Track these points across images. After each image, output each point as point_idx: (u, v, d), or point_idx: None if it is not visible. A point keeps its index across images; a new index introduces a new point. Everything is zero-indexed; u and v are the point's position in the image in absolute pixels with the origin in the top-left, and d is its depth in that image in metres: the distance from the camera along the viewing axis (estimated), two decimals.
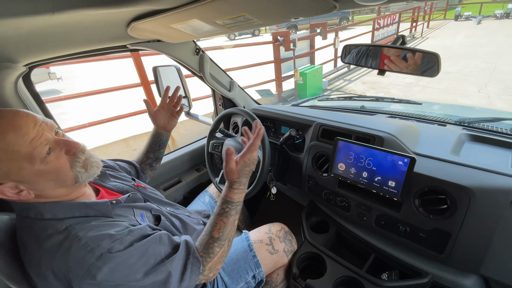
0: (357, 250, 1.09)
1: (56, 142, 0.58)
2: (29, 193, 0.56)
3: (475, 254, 0.75)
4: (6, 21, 0.50)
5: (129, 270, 0.55)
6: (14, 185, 0.54)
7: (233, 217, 0.77)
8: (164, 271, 0.60)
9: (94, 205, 0.63)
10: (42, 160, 0.55)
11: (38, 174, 0.55)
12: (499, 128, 1.07)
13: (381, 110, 1.45)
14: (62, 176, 0.59)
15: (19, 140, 0.52)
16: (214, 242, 0.71)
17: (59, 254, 0.53)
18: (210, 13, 0.59)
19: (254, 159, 0.81)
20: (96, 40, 0.86)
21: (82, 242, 0.54)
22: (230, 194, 0.78)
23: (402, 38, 0.73)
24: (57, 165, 0.58)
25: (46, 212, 0.58)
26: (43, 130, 0.57)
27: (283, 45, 5.00)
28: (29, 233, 0.57)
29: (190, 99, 1.40)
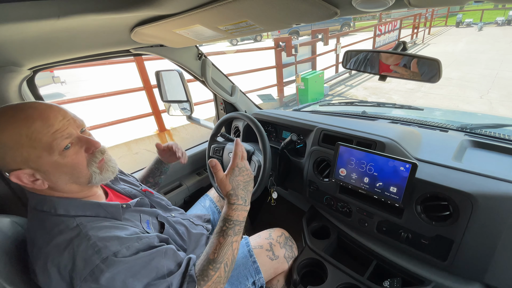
0: (358, 257, 1.08)
1: (78, 138, 0.60)
2: (43, 183, 0.58)
3: (478, 262, 0.74)
4: (12, 26, 0.51)
5: (131, 278, 0.55)
6: (31, 173, 0.56)
7: (231, 237, 0.70)
8: (163, 286, 0.58)
9: (106, 206, 0.65)
10: (61, 152, 0.57)
11: (54, 165, 0.57)
12: (501, 134, 1.06)
13: (383, 115, 1.45)
14: (77, 173, 0.61)
15: (43, 129, 0.55)
16: (209, 264, 0.66)
17: (67, 251, 0.53)
18: (212, 18, 0.60)
19: (245, 168, 0.76)
20: (100, 45, 0.87)
21: (91, 241, 0.55)
22: (228, 211, 0.73)
23: (403, 44, 0.74)
24: (74, 161, 0.59)
25: (60, 207, 0.59)
26: (69, 125, 0.59)
27: (285, 50, 5.04)
28: (41, 227, 0.58)
29: (191, 103, 1.40)
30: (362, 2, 0.47)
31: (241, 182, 0.75)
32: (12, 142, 0.53)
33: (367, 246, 1.03)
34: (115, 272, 0.53)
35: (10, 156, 0.54)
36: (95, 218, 0.61)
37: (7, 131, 0.53)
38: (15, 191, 0.88)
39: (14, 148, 0.53)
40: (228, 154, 1.21)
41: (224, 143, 1.28)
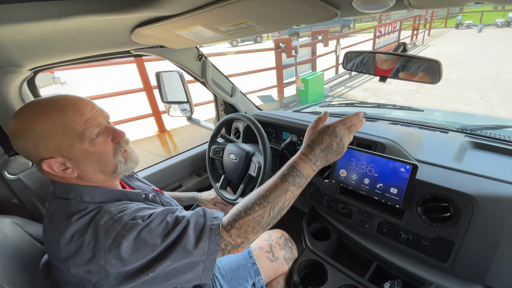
0: (359, 258, 1.07)
1: (106, 128, 0.64)
2: (73, 171, 0.60)
3: (479, 263, 0.74)
4: (13, 26, 0.51)
5: (150, 236, 0.56)
6: (62, 161, 0.58)
7: (289, 184, 0.63)
8: (180, 229, 0.58)
9: (129, 193, 0.69)
10: (91, 140, 0.60)
11: (84, 153, 0.59)
12: (501, 136, 1.06)
13: (383, 116, 1.45)
14: (105, 161, 0.63)
15: (76, 118, 0.58)
16: (257, 199, 0.62)
17: (90, 227, 0.55)
18: (213, 20, 0.60)
19: (339, 137, 0.67)
20: (101, 46, 0.87)
21: (112, 214, 0.58)
22: (297, 159, 0.66)
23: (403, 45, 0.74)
24: (102, 149, 0.62)
25: (86, 194, 0.62)
26: (98, 115, 0.62)
27: (285, 51, 5.05)
28: (65, 212, 0.59)
29: (192, 104, 1.40)
30: (362, 3, 0.47)
31: (326, 143, 0.66)
32: (47, 130, 0.55)
33: (367, 247, 1.03)
34: (135, 234, 0.55)
35: (44, 144, 0.56)
36: (117, 201, 0.65)
37: (42, 120, 0.55)
38: (16, 192, 0.88)
39: (48, 136, 0.56)
40: (228, 155, 1.21)
41: (224, 144, 1.28)
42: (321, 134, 0.67)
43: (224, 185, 1.26)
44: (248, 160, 1.14)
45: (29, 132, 0.55)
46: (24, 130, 0.55)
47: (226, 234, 0.60)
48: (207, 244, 0.58)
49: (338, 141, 0.67)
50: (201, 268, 0.59)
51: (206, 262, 0.59)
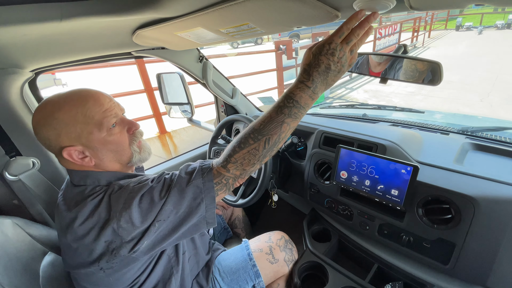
0: (359, 260, 1.07)
1: (122, 119, 0.68)
2: (91, 160, 0.63)
3: (481, 265, 0.73)
4: (15, 28, 0.51)
5: (154, 192, 0.59)
6: (81, 149, 0.61)
7: (284, 116, 0.59)
8: (175, 175, 0.63)
9: (141, 177, 0.70)
10: (108, 130, 0.63)
11: (102, 142, 0.63)
12: (502, 137, 1.06)
13: (383, 118, 1.45)
14: (121, 150, 0.67)
15: (96, 107, 0.61)
16: (251, 132, 0.60)
17: (104, 201, 0.59)
18: (214, 21, 0.60)
19: (337, 53, 0.55)
20: (102, 47, 0.88)
21: (120, 185, 0.62)
22: (293, 87, 0.60)
23: (404, 47, 0.74)
24: (119, 139, 0.65)
25: (103, 179, 0.65)
26: (115, 106, 0.66)
27: (286, 53, 5.06)
28: (82, 196, 0.61)
29: (192, 105, 1.41)
30: (363, 5, 0.47)
31: (323, 65, 0.56)
32: (69, 118, 0.59)
33: (368, 249, 1.02)
34: (143, 193, 0.59)
35: (66, 132, 0.59)
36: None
37: (65, 109, 0.59)
38: (16, 193, 0.88)
39: (70, 124, 0.59)
40: None
41: (225, 145, 1.28)
42: (317, 55, 0.57)
43: None
44: None
45: (52, 120, 0.58)
46: (48, 119, 0.58)
47: (224, 170, 0.62)
48: (200, 181, 0.61)
49: (336, 60, 0.56)
50: (203, 208, 0.61)
51: (205, 200, 0.61)
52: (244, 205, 1.10)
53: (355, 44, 0.57)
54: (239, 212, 1.37)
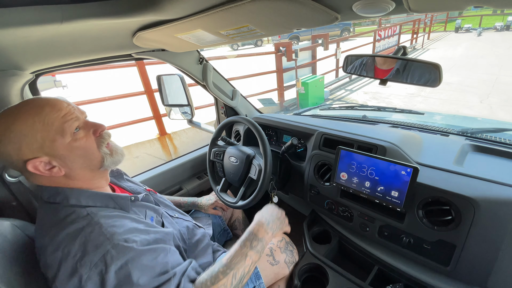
0: (360, 262, 1.07)
1: (85, 122, 0.65)
2: (60, 169, 0.60)
3: (481, 267, 0.73)
4: (16, 30, 0.51)
5: (137, 271, 0.55)
6: (47, 160, 0.58)
7: (247, 249, 0.72)
8: (163, 281, 0.59)
9: (116, 197, 0.67)
10: (72, 134, 0.60)
11: (68, 148, 0.60)
12: (502, 139, 1.06)
13: (383, 119, 1.45)
14: (90, 155, 0.64)
15: (54, 113, 0.58)
16: (220, 266, 0.67)
17: (79, 239, 0.55)
18: (214, 23, 0.61)
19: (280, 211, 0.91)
20: (102, 49, 0.88)
21: (102, 228, 0.57)
22: (251, 226, 0.81)
23: (404, 49, 0.74)
24: (86, 143, 0.63)
25: (72, 197, 0.61)
26: (75, 110, 0.63)
27: (285, 55, 5.07)
28: (53, 218, 0.59)
29: (192, 107, 1.41)
30: (362, 7, 0.47)
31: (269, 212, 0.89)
32: (27, 128, 0.56)
33: (368, 251, 1.02)
34: (124, 261, 0.54)
35: (26, 143, 0.56)
36: (104, 208, 0.64)
37: (21, 119, 0.56)
38: (16, 195, 0.88)
39: (29, 135, 0.56)
40: (228, 158, 1.21)
41: (225, 147, 1.28)
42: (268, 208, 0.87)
43: (225, 188, 1.26)
44: (248, 163, 1.14)
45: (9, 133, 0.55)
46: (4, 133, 0.55)
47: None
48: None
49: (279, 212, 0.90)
50: None
51: None
52: (244, 206, 1.10)
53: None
54: (239, 213, 1.37)
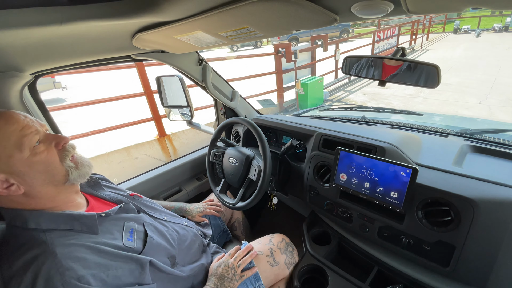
0: (359, 263, 1.07)
1: (46, 135, 0.60)
2: (19, 187, 0.55)
3: (481, 268, 0.73)
4: (15, 31, 0.51)
5: None
6: (4, 178, 0.53)
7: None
8: None
9: (80, 217, 0.61)
10: (31, 149, 0.56)
11: (27, 164, 0.55)
12: (501, 140, 1.07)
13: (382, 120, 1.45)
14: (52, 169, 0.59)
15: (9, 127, 0.54)
16: None
17: (31, 270, 0.51)
18: (213, 25, 0.61)
19: (228, 267, 0.87)
20: (102, 51, 0.88)
21: (56, 260, 0.52)
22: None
23: (402, 50, 0.74)
24: (47, 157, 0.58)
25: (31, 220, 0.57)
26: (33, 123, 0.59)
27: (285, 56, 5.08)
28: (11, 244, 0.55)
29: (192, 108, 1.41)
30: (361, 9, 0.48)
31: (219, 273, 0.85)
32: None
33: (368, 252, 1.02)
34: None
35: None
36: (68, 232, 0.59)
37: None
38: None
39: None
40: (228, 159, 1.21)
41: (224, 148, 1.28)
42: (216, 268, 0.86)
43: (224, 189, 1.26)
44: (248, 164, 1.14)
45: None
46: None
47: None
48: None
49: (227, 269, 0.85)
50: None
51: None
52: (244, 207, 1.10)
53: (242, 262, 0.88)
54: (238, 214, 1.37)
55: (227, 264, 0.87)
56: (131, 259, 0.62)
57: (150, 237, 0.72)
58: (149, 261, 0.65)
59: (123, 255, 0.61)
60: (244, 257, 0.91)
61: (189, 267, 0.82)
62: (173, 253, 0.77)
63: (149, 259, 0.65)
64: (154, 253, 0.69)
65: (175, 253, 0.78)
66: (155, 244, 0.72)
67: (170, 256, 0.76)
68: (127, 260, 0.61)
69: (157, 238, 0.74)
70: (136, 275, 0.61)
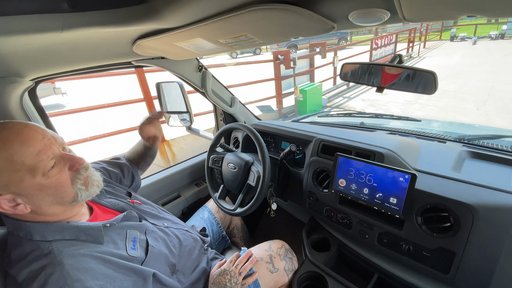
0: (359, 270, 1.05)
1: (61, 156, 0.58)
2: (25, 207, 0.55)
3: (481, 274, 0.73)
4: (17, 38, 0.52)
5: None
6: (12, 198, 0.53)
7: None
8: None
9: (86, 229, 0.61)
10: (45, 173, 0.54)
11: (37, 187, 0.54)
12: (499, 145, 1.07)
13: (381, 126, 1.46)
14: (62, 192, 0.58)
15: (24, 150, 0.52)
16: None
17: (38, 280, 0.50)
18: (213, 32, 0.62)
19: (229, 275, 0.85)
20: (102, 57, 0.89)
21: (64, 271, 0.52)
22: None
23: (399, 57, 0.75)
24: (58, 180, 0.57)
25: (36, 233, 0.56)
26: (51, 144, 0.57)
27: (284, 63, 5.13)
28: (19, 251, 0.55)
29: (191, 114, 1.41)
30: (358, 16, 0.48)
31: (221, 283, 0.83)
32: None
33: (368, 258, 1.01)
34: None
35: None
36: (74, 242, 0.59)
37: None
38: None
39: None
40: (227, 165, 1.21)
41: (224, 153, 1.28)
42: (217, 276, 0.84)
43: (223, 195, 1.25)
44: (247, 169, 1.14)
45: None
46: None
47: None
48: None
49: (229, 278, 0.83)
50: None
51: None
52: (243, 213, 1.09)
53: (243, 270, 0.87)
54: (237, 220, 1.36)
55: (229, 272, 0.85)
56: (135, 271, 0.62)
57: (151, 246, 0.72)
58: (153, 273, 0.65)
59: (127, 266, 0.61)
60: (245, 264, 0.90)
61: (190, 273, 0.83)
62: (173, 261, 0.77)
63: (152, 271, 0.65)
64: (155, 262, 0.70)
65: (176, 261, 0.78)
66: (156, 253, 0.72)
67: (171, 264, 0.76)
68: (131, 273, 0.61)
69: (158, 247, 0.74)
70: (139, 286, 0.61)
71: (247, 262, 0.90)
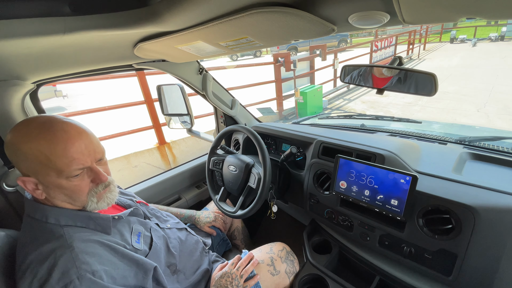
0: (361, 272, 1.05)
1: (91, 168, 0.63)
2: (41, 194, 0.62)
3: (484, 276, 0.72)
4: (19, 41, 0.52)
5: None
6: (35, 182, 0.60)
7: None
8: None
9: (97, 218, 0.66)
10: (68, 178, 0.60)
11: (57, 185, 0.60)
12: (500, 147, 1.07)
13: (381, 128, 1.46)
14: (76, 197, 0.63)
15: (62, 155, 0.58)
16: None
17: (48, 261, 0.54)
18: (214, 35, 0.62)
19: (230, 277, 0.84)
20: (104, 60, 0.89)
21: (73, 253, 0.56)
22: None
23: (399, 59, 0.76)
24: (77, 187, 0.62)
25: (51, 216, 0.61)
26: (88, 156, 0.62)
27: (284, 65, 5.15)
28: (30, 234, 0.60)
29: (192, 116, 1.42)
30: (358, 19, 0.49)
31: (222, 286, 0.83)
32: (31, 155, 0.57)
33: (369, 261, 1.01)
34: None
35: (25, 165, 0.59)
36: (84, 229, 0.63)
37: (31, 144, 0.57)
38: (13, 204, 0.87)
39: (30, 161, 0.57)
40: (227, 167, 1.21)
41: (224, 155, 1.28)
42: (219, 279, 0.84)
43: (224, 197, 1.25)
44: (247, 171, 1.14)
45: (16, 150, 0.58)
46: (14, 145, 0.58)
47: None
48: None
49: (230, 280, 0.83)
50: None
51: None
52: (243, 216, 1.09)
53: (245, 272, 0.86)
54: (238, 223, 1.36)
55: (230, 275, 0.85)
56: (137, 263, 0.65)
57: (155, 243, 0.76)
58: (154, 267, 0.68)
59: (131, 257, 0.65)
60: (246, 266, 0.90)
61: (191, 274, 0.85)
62: (172, 261, 0.80)
63: (154, 265, 0.68)
64: (156, 259, 0.73)
65: (176, 261, 0.81)
66: (158, 251, 0.75)
67: (170, 264, 0.79)
68: (133, 264, 0.65)
69: (160, 245, 0.78)
70: (140, 278, 0.65)
71: (249, 265, 0.90)
